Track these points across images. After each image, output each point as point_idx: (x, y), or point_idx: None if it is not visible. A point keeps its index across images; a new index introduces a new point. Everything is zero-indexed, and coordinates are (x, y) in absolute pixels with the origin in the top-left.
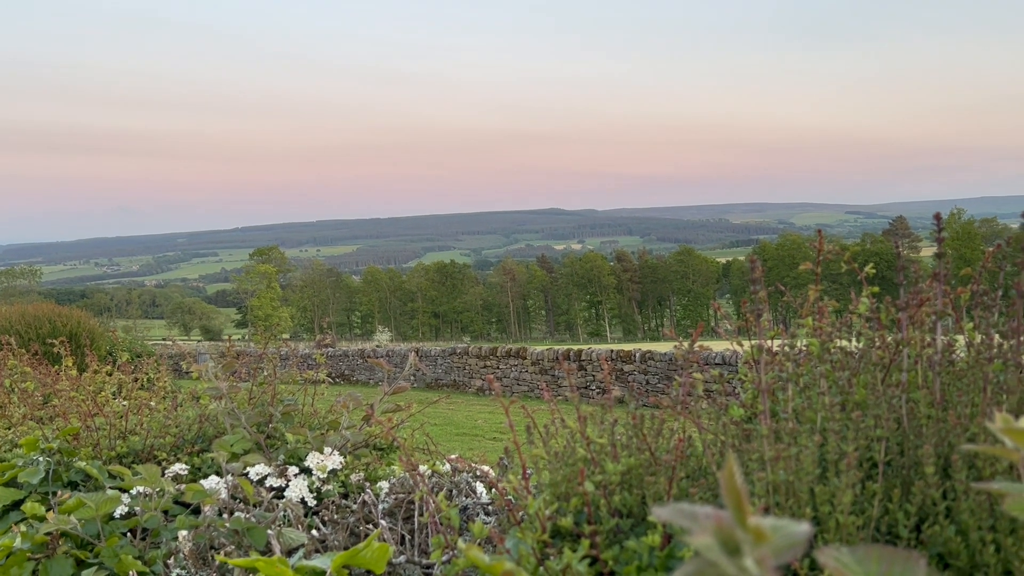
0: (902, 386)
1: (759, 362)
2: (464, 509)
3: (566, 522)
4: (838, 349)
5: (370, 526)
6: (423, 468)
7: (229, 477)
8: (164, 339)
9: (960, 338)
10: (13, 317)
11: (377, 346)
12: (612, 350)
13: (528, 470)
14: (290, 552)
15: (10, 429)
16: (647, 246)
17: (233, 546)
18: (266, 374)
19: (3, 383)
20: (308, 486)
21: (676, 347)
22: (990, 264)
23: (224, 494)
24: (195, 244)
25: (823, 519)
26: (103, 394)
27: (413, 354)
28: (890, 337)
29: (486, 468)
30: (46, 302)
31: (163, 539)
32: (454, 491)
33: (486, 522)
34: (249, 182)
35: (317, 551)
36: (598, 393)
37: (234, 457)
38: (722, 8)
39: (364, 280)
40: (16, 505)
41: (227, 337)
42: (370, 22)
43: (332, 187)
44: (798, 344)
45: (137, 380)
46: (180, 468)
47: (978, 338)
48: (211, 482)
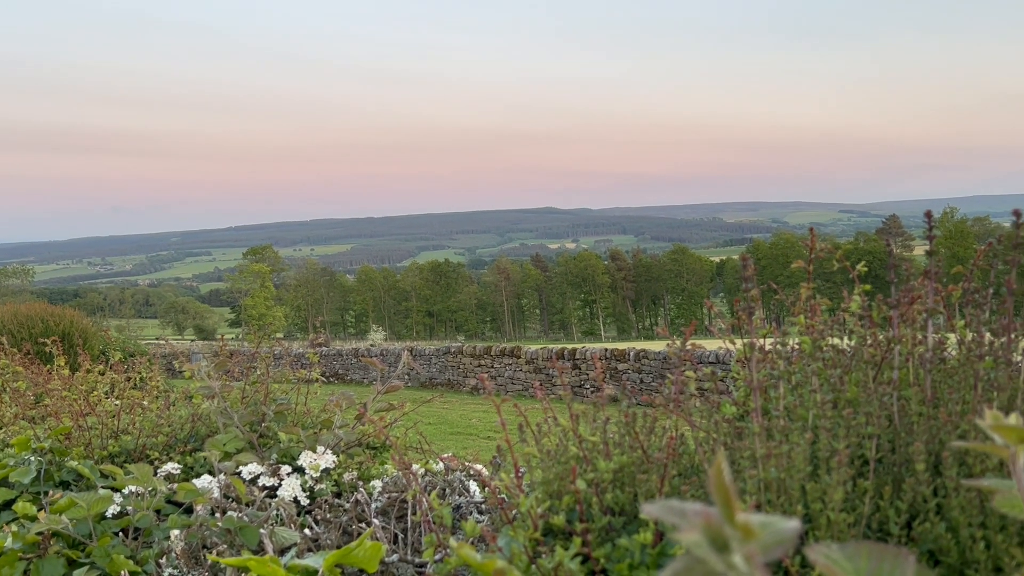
0: (893, 384)
1: (751, 360)
2: (457, 508)
3: (558, 520)
4: (830, 347)
5: (363, 525)
6: (416, 467)
7: (222, 476)
8: (157, 338)
9: (951, 336)
10: (6, 317)
11: (371, 345)
12: (606, 349)
13: (521, 468)
14: (283, 551)
15: (1, 429)
16: (641, 245)
17: (225, 545)
18: (259, 373)
19: None
20: (301, 485)
21: (669, 345)
22: (981, 262)
23: (217, 493)
24: (188, 243)
25: (814, 516)
26: (95, 393)
27: (407, 353)
28: (882, 335)
29: (479, 467)
30: (39, 302)
31: (155, 538)
32: (447, 490)
33: (479, 520)
34: (243, 181)
35: (310, 550)
36: (592, 392)
37: (227, 456)
38: (719, 8)
39: (358, 279)
40: (7, 505)
41: (220, 336)
42: (364, 22)
43: (326, 186)
44: (790, 342)
45: (130, 379)
46: (172, 467)
47: (969, 336)
48: (204, 481)
